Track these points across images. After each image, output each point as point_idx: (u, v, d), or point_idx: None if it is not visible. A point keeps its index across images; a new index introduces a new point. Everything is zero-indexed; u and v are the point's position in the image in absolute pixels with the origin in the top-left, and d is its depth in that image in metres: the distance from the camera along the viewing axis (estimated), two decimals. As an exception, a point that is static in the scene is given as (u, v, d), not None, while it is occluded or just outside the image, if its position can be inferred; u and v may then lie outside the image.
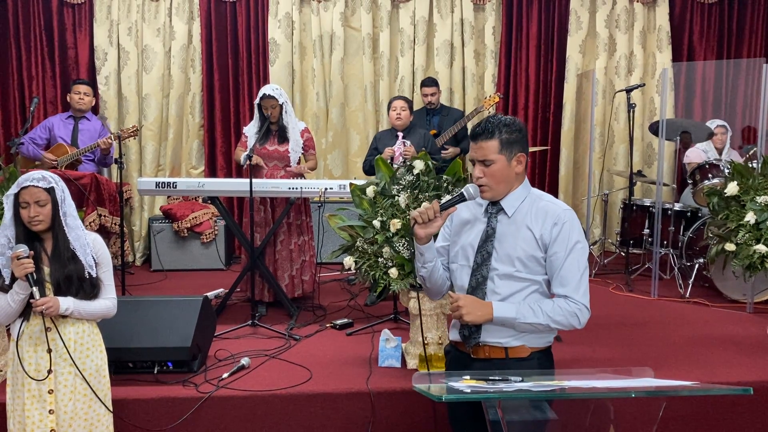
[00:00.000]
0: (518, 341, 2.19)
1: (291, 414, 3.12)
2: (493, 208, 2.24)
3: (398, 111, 4.95)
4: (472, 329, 2.20)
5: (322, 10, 6.20)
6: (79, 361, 2.52)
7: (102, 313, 2.58)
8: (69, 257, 2.48)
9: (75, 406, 2.50)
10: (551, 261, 2.17)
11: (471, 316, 2.11)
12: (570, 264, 2.14)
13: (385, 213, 3.39)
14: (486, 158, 2.16)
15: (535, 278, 2.18)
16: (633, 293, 4.97)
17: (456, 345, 2.32)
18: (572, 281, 2.14)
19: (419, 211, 2.17)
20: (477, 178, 2.19)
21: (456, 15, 6.28)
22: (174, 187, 4.32)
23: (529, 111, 6.43)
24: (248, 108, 6.18)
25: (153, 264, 5.76)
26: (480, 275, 2.20)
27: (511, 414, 1.81)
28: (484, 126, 2.17)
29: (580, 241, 2.17)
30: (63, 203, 2.49)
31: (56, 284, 2.47)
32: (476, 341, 2.20)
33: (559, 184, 6.48)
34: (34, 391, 2.47)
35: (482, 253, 2.21)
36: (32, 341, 2.48)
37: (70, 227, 2.50)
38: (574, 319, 2.13)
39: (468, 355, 2.25)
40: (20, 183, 2.45)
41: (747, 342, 3.85)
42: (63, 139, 5.21)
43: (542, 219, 2.18)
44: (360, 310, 4.55)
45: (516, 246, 2.17)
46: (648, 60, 6.44)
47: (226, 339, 3.88)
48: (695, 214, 5.23)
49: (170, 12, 6.08)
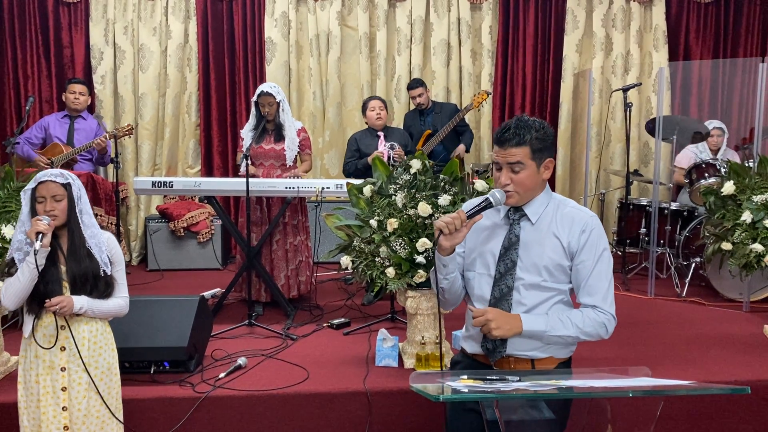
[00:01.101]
0: (544, 353, 2.12)
1: (288, 414, 3.12)
2: (515, 214, 2.14)
3: (377, 111, 5.00)
4: (497, 342, 2.11)
5: (319, 9, 6.19)
6: (92, 359, 2.52)
7: (115, 311, 2.59)
8: (85, 254, 2.48)
9: (88, 403, 2.51)
10: (578, 269, 2.10)
11: (500, 330, 2.03)
12: (598, 273, 2.09)
13: (382, 212, 3.38)
14: (517, 163, 2.06)
15: (560, 287, 2.12)
16: (630, 292, 4.98)
17: (474, 357, 2.22)
18: (600, 290, 2.09)
19: (445, 221, 2.02)
20: (504, 184, 2.07)
21: (453, 14, 6.28)
22: (170, 186, 4.31)
23: (525, 110, 6.43)
24: (245, 107, 6.17)
25: (149, 264, 5.75)
26: (505, 285, 2.11)
27: (508, 413, 1.81)
28: (514, 131, 2.05)
29: (606, 248, 2.12)
30: (79, 201, 2.50)
31: (72, 281, 2.47)
32: (502, 354, 2.12)
33: (556, 184, 6.48)
34: (48, 388, 2.48)
35: (506, 261, 2.11)
36: (45, 339, 2.48)
37: (85, 225, 2.50)
38: (602, 330, 2.10)
39: (489, 367, 2.16)
40: (38, 178, 2.47)
41: (744, 341, 3.86)
42: (59, 139, 5.19)
43: (569, 226, 2.10)
44: (357, 309, 4.54)
45: (542, 254, 2.09)
46: (644, 59, 6.45)
47: (222, 339, 3.87)
48: (692, 214, 5.24)
49: (166, 11, 6.07)
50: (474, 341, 2.20)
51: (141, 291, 4.93)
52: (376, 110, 5.01)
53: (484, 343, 2.14)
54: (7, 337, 3.54)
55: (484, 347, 2.14)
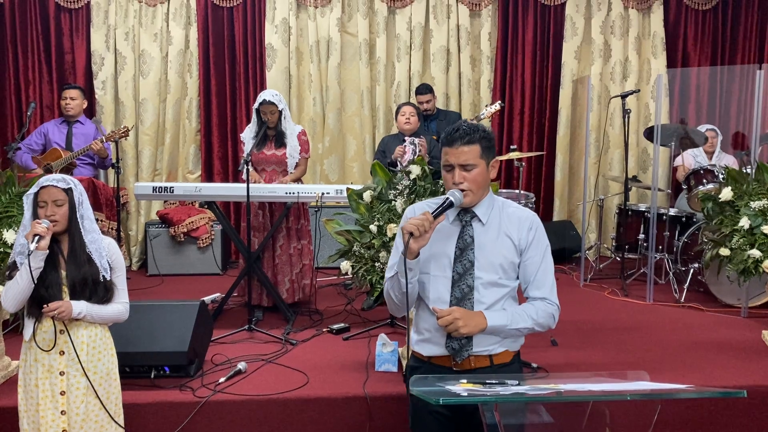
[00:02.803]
0: (502, 347, 2.21)
1: (287, 419, 3.12)
2: (465, 215, 2.21)
3: (407, 116, 5.05)
4: (463, 341, 2.15)
5: (319, 15, 6.22)
6: (91, 364, 2.53)
7: (114, 317, 2.59)
8: (85, 260, 2.49)
9: (87, 408, 2.51)
10: (526, 265, 2.22)
11: (468, 327, 2.09)
12: (544, 267, 2.23)
13: (382, 218, 3.40)
14: (468, 162, 2.14)
15: (512, 284, 2.22)
16: (628, 298, 4.99)
17: (431, 360, 2.24)
18: (548, 284, 2.23)
19: (415, 224, 2.06)
20: (458, 182, 2.15)
21: (452, 21, 6.31)
22: (171, 191, 4.33)
23: (525, 116, 6.46)
24: (245, 113, 6.19)
25: (149, 269, 5.76)
26: (465, 285, 2.17)
27: (507, 417, 1.82)
28: (464, 130, 2.14)
29: (548, 245, 2.27)
30: (80, 206, 2.51)
31: (71, 286, 2.48)
32: (468, 353, 2.16)
33: (555, 190, 6.50)
34: (47, 392, 2.48)
35: (463, 262, 2.17)
36: (45, 343, 2.48)
37: (86, 230, 2.51)
38: (551, 320, 2.23)
39: (448, 369, 2.20)
40: (40, 183, 2.49)
41: (741, 346, 3.87)
42: (58, 144, 5.21)
43: (517, 225, 2.22)
44: (357, 314, 4.55)
45: (497, 253, 2.19)
46: (643, 66, 6.48)
47: (222, 343, 3.88)
48: (690, 219, 5.26)
49: (167, 17, 6.09)
50: (432, 344, 2.23)
51: (141, 296, 4.93)
52: (406, 115, 5.08)
53: (449, 343, 2.18)
54: (8, 342, 3.55)
55: (450, 347, 2.18)
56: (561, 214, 6.52)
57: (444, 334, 2.17)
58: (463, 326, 2.08)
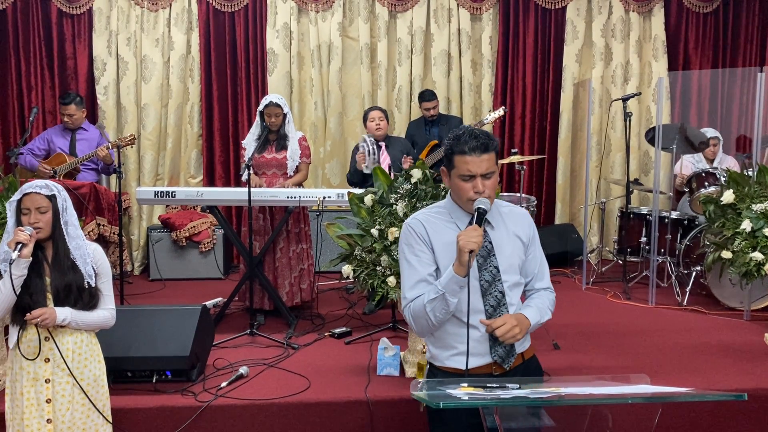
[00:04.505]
0: (528, 342, 2.26)
1: (289, 423, 3.13)
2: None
3: (377, 121, 5.08)
4: (508, 347, 2.15)
5: (320, 20, 6.24)
6: (77, 371, 2.51)
7: (100, 323, 2.58)
8: (69, 266, 2.49)
9: (73, 416, 2.50)
10: (529, 260, 2.28)
11: (523, 332, 2.13)
12: (542, 260, 2.32)
13: (383, 222, 3.40)
14: (489, 171, 2.12)
15: (524, 280, 2.29)
16: (630, 301, 4.98)
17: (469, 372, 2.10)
18: (547, 275, 2.34)
19: (476, 241, 2.01)
20: (482, 191, 2.10)
21: (453, 25, 6.32)
22: (173, 196, 4.34)
23: (526, 120, 6.46)
24: (247, 117, 6.21)
25: (151, 273, 5.76)
26: (497, 291, 2.16)
27: (508, 421, 1.82)
28: (483, 140, 2.10)
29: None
30: (64, 212, 2.51)
31: (56, 293, 2.48)
32: (514, 356, 2.18)
33: (557, 193, 6.50)
34: (32, 400, 2.47)
35: (489, 269, 2.16)
36: (30, 350, 2.48)
37: (70, 236, 2.50)
38: (553, 306, 2.31)
39: (489, 375, 2.15)
40: (23, 190, 2.49)
41: (744, 349, 3.86)
42: (62, 150, 5.22)
43: (520, 223, 2.27)
44: (358, 318, 4.55)
45: (514, 254, 2.23)
46: (644, 69, 6.48)
47: (224, 348, 3.88)
48: (692, 222, 5.25)
49: (169, 22, 6.11)
50: (474, 356, 2.12)
51: (143, 300, 4.94)
52: (375, 121, 5.08)
53: (495, 350, 2.15)
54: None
55: (496, 354, 2.15)
56: (563, 217, 6.52)
57: (487, 344, 2.14)
58: (520, 332, 2.10)
